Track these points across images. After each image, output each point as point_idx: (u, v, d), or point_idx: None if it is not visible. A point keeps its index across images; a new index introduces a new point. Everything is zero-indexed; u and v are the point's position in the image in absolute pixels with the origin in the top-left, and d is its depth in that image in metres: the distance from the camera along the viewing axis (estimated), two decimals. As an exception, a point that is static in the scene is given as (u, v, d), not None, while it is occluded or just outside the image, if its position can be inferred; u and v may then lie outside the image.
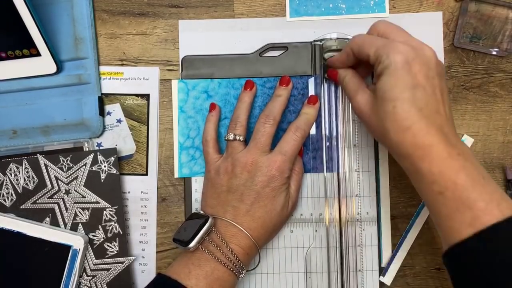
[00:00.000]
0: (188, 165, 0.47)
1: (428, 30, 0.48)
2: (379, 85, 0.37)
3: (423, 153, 0.34)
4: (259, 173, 0.42)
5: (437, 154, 0.34)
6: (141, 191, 0.48)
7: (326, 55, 0.46)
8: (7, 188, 0.47)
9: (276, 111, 0.44)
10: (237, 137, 0.44)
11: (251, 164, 0.42)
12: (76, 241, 0.45)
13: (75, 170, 0.47)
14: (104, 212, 0.47)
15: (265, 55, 0.48)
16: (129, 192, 0.48)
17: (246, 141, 0.45)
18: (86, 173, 0.47)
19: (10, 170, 0.47)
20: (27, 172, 0.47)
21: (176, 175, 0.48)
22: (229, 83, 0.47)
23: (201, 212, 0.44)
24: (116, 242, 0.47)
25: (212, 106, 0.47)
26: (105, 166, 0.46)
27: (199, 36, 0.49)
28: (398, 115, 0.35)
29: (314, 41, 0.47)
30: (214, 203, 0.43)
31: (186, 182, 0.48)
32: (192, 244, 0.40)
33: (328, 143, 0.47)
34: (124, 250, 0.47)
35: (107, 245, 0.47)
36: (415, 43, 0.37)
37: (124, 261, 0.47)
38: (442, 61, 0.48)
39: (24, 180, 0.47)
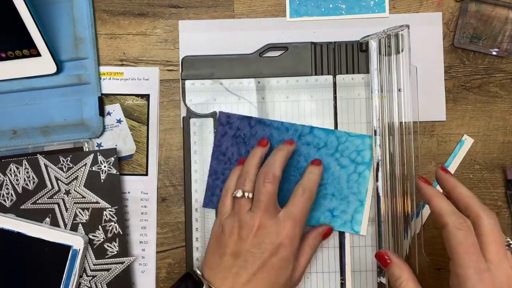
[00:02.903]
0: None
1: (428, 30, 0.48)
2: None
3: None
4: (267, 240, 0.39)
5: None
6: (141, 191, 0.48)
7: None
8: (7, 188, 0.47)
9: (275, 167, 0.41)
10: (246, 194, 0.41)
11: (258, 228, 0.39)
12: (76, 241, 0.45)
13: (75, 170, 0.47)
14: (104, 212, 0.47)
15: (265, 55, 0.48)
16: (129, 192, 0.48)
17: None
18: (86, 173, 0.47)
19: (10, 170, 0.47)
20: (27, 172, 0.47)
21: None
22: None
23: (198, 272, 0.41)
24: (116, 242, 0.47)
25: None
26: (105, 167, 0.46)
27: (199, 36, 0.49)
28: None
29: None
30: (215, 264, 0.40)
31: (186, 182, 0.48)
32: None
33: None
34: (124, 250, 0.47)
35: (107, 245, 0.47)
36: (501, 271, 0.35)
37: (124, 261, 0.47)
38: (441, 63, 0.48)
39: (24, 180, 0.47)
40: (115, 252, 0.47)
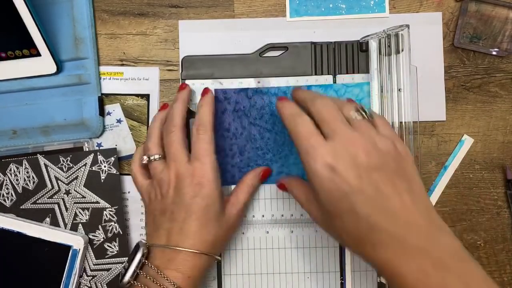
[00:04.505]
0: None
1: (428, 30, 0.48)
2: (318, 198, 0.34)
3: (391, 269, 0.30)
4: (185, 185, 0.39)
5: (406, 271, 0.29)
6: (141, 191, 0.48)
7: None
8: (7, 188, 0.47)
9: (173, 118, 0.42)
10: (153, 157, 0.42)
11: (175, 179, 0.40)
12: (76, 241, 0.45)
13: (75, 170, 0.47)
14: (104, 212, 0.47)
15: (265, 55, 0.48)
16: (129, 192, 0.48)
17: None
18: (86, 173, 0.47)
19: (10, 170, 0.47)
20: (27, 172, 0.47)
21: None
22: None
23: (142, 241, 0.41)
24: (116, 242, 0.47)
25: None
26: (105, 166, 0.46)
27: (199, 36, 0.49)
28: (349, 230, 0.32)
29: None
30: (151, 230, 0.41)
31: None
32: (125, 280, 0.37)
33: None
34: (124, 250, 0.47)
35: (107, 245, 0.47)
36: (339, 137, 0.33)
37: (124, 261, 0.47)
38: (441, 63, 0.48)
39: (24, 180, 0.47)
40: (115, 252, 0.47)
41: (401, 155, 0.34)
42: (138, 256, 0.38)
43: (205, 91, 0.44)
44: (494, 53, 0.48)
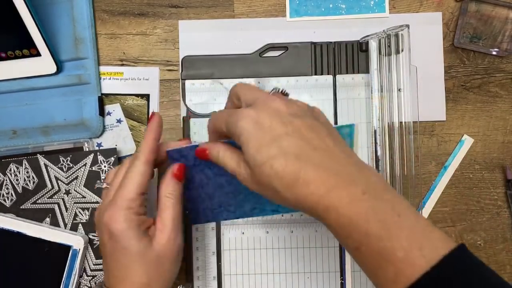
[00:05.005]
0: None
1: (428, 30, 0.48)
2: (246, 156, 0.33)
3: (324, 203, 0.30)
4: (100, 227, 0.37)
5: (339, 201, 0.29)
6: (141, 191, 0.48)
7: None
8: (7, 188, 0.47)
9: (143, 149, 0.39)
10: (103, 185, 0.40)
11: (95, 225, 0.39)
12: (76, 241, 0.45)
13: (75, 170, 0.47)
14: (104, 212, 0.47)
15: (265, 55, 0.48)
16: (129, 192, 0.48)
17: None
18: (86, 173, 0.47)
19: (10, 170, 0.47)
20: (27, 172, 0.47)
21: None
22: None
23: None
24: (116, 242, 0.47)
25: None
26: (105, 166, 0.46)
27: (199, 36, 0.49)
28: (279, 173, 0.30)
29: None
30: (104, 268, 0.39)
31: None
32: None
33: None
34: (124, 250, 0.47)
35: (107, 245, 0.47)
36: (260, 100, 0.34)
37: (124, 261, 0.47)
38: (441, 63, 0.48)
39: (24, 180, 0.47)
40: (115, 252, 0.47)
41: (316, 111, 0.36)
42: None
43: (151, 116, 0.40)
44: (494, 53, 0.48)
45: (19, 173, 0.47)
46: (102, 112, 0.48)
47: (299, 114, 0.33)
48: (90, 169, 0.47)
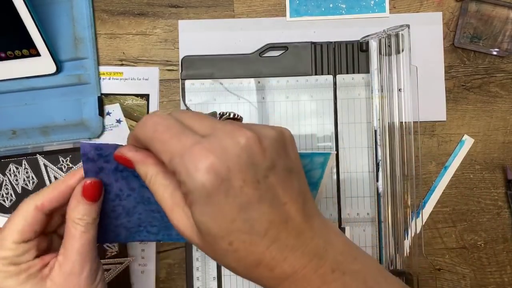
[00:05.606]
0: None
1: (428, 30, 0.48)
2: (196, 217, 0.26)
3: (290, 284, 0.26)
4: None
5: (308, 284, 0.26)
6: (140, 191, 0.48)
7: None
8: (7, 189, 0.47)
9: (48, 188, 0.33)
10: None
11: None
12: (75, 241, 0.45)
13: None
14: (104, 212, 0.46)
15: (265, 55, 0.48)
16: (128, 193, 0.48)
17: None
18: (86, 173, 0.46)
19: (10, 170, 0.47)
20: (27, 172, 0.47)
21: None
22: None
23: None
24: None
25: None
26: (104, 166, 0.46)
27: (199, 36, 0.49)
28: (239, 252, 0.25)
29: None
30: None
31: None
32: None
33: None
34: (124, 250, 0.46)
35: (107, 246, 0.46)
36: (219, 130, 0.26)
37: (124, 262, 0.46)
38: (442, 63, 0.48)
39: (24, 180, 0.47)
40: (115, 253, 0.46)
41: (286, 140, 0.28)
42: None
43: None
44: (494, 53, 0.48)
45: (19, 173, 0.47)
46: (101, 112, 0.48)
47: (274, 158, 0.26)
48: (89, 169, 0.46)
